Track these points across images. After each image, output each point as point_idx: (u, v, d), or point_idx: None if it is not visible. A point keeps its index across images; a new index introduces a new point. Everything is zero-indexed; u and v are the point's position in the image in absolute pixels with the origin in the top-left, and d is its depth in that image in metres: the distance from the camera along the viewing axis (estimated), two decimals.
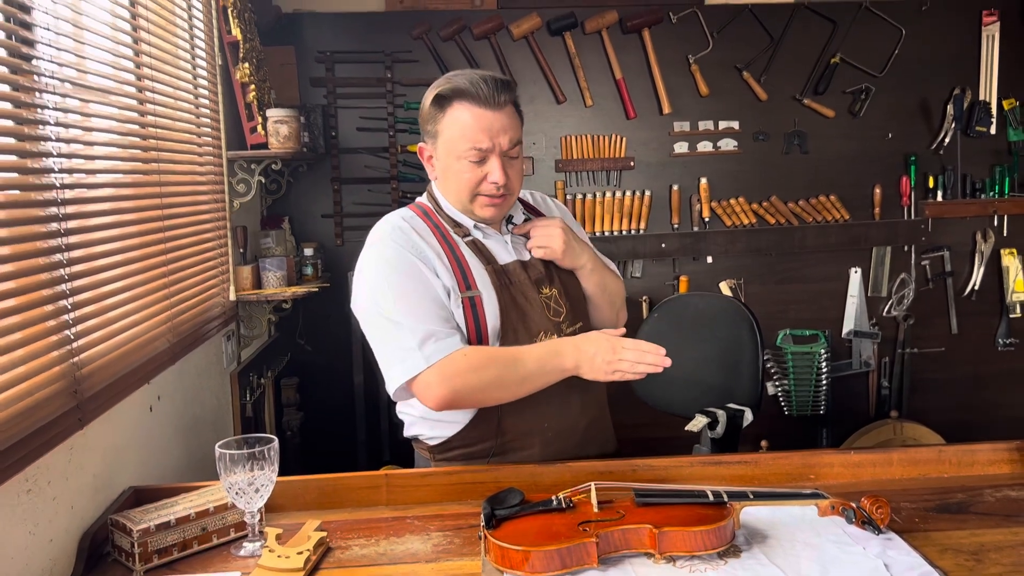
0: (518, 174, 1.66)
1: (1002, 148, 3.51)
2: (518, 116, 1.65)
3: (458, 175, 1.63)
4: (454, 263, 1.63)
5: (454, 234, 1.68)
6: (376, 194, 3.34)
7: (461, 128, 1.59)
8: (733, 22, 3.36)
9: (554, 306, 1.69)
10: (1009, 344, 3.59)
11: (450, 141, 1.61)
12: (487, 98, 1.57)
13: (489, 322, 1.62)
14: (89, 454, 1.50)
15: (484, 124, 1.58)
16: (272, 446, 1.41)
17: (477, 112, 1.58)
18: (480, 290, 1.63)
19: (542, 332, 1.65)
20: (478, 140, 1.58)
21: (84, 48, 1.64)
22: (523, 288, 1.67)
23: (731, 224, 3.43)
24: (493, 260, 1.68)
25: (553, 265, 1.72)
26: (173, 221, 2.08)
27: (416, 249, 1.62)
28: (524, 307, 1.66)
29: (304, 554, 1.33)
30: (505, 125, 1.59)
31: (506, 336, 1.63)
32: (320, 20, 3.26)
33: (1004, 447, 1.66)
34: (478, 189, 1.62)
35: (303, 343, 3.31)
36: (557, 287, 1.71)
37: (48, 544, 1.33)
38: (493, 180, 1.60)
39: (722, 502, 1.37)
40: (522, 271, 1.69)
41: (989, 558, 1.29)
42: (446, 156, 1.63)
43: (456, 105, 1.59)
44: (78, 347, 1.48)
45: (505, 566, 1.27)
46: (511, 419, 1.65)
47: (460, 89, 1.58)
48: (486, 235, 1.71)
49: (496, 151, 1.59)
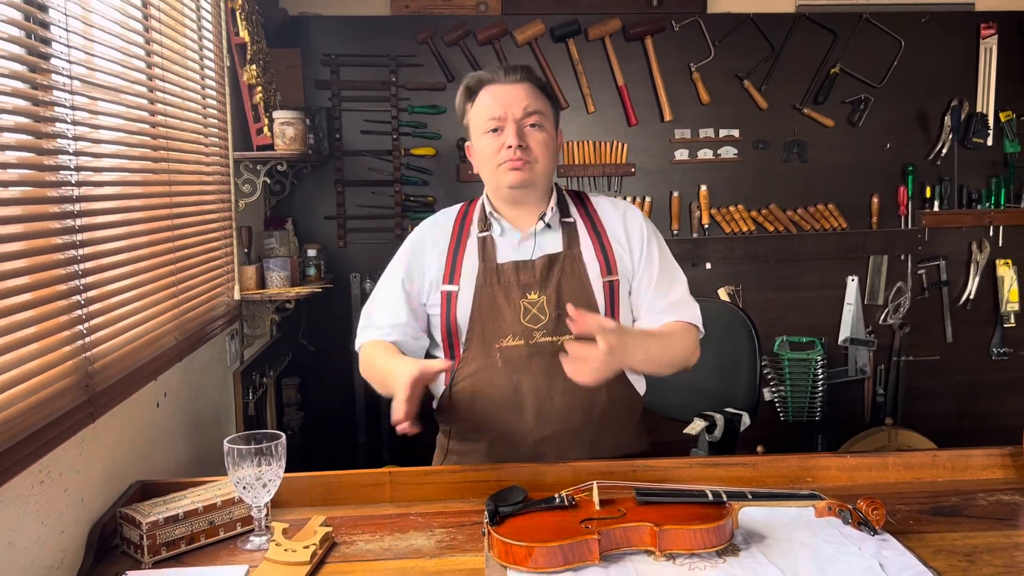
0: (540, 145, 1.71)
1: (998, 160, 3.56)
2: (542, 95, 1.75)
3: (483, 150, 1.75)
4: (450, 257, 1.77)
5: (475, 229, 1.79)
6: (379, 197, 3.36)
7: (482, 107, 1.74)
8: (735, 31, 3.40)
9: (535, 312, 1.71)
10: (1003, 353, 3.63)
11: (476, 123, 1.76)
12: (501, 78, 1.74)
13: (459, 317, 1.74)
14: (99, 447, 1.52)
15: (499, 96, 1.72)
16: (280, 442, 1.43)
17: (494, 89, 1.74)
18: (461, 286, 1.74)
19: (511, 335, 1.71)
20: (493, 111, 1.72)
21: (97, 48, 1.66)
22: (508, 289, 1.72)
23: (730, 231, 3.46)
24: (491, 258, 1.74)
25: (557, 271, 1.73)
26: (181, 220, 2.10)
27: (426, 239, 1.81)
28: (501, 308, 1.72)
29: (310, 548, 1.35)
30: (519, 96, 1.71)
31: (472, 332, 1.73)
32: (326, 23, 3.29)
33: (997, 452, 1.69)
34: (498, 157, 1.71)
35: (305, 343, 3.33)
36: (549, 295, 1.72)
37: (59, 535, 1.35)
38: (508, 144, 1.69)
39: (721, 502, 1.39)
40: (513, 272, 1.73)
41: (982, 559, 1.32)
42: (475, 139, 1.77)
43: (481, 92, 1.75)
44: (90, 342, 1.50)
45: (508, 562, 1.29)
46: (464, 411, 1.76)
47: (480, 77, 1.76)
48: (504, 232, 1.77)
49: (510, 119, 1.70)
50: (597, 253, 1.77)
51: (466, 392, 1.75)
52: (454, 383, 1.76)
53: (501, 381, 1.71)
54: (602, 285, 1.74)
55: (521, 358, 1.70)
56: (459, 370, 1.75)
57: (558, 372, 1.65)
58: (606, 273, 1.75)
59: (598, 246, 1.77)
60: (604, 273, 1.75)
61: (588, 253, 1.76)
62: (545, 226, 1.77)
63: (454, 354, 1.76)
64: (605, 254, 1.77)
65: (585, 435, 1.75)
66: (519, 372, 1.71)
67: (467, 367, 1.74)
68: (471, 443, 1.78)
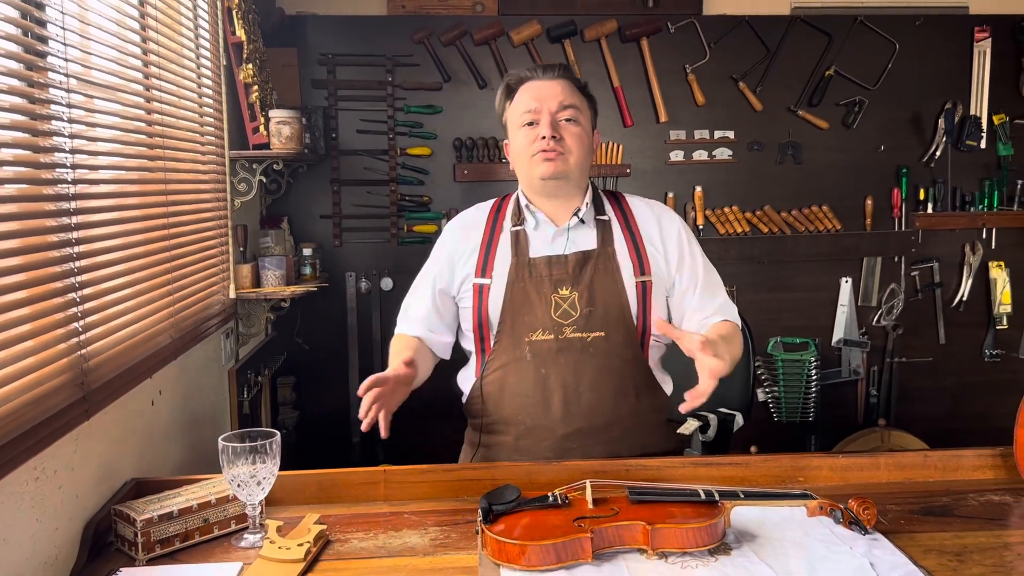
0: (575, 138, 1.75)
1: (992, 162, 3.57)
2: (578, 92, 1.80)
3: (518, 143, 1.79)
4: (483, 251, 1.80)
5: (508, 223, 1.83)
6: (375, 196, 3.37)
7: (520, 103, 1.79)
8: (730, 33, 3.41)
9: (566, 307, 1.73)
10: (995, 355, 3.65)
11: (513, 118, 1.81)
12: (540, 74, 1.80)
13: (491, 310, 1.76)
14: (94, 445, 1.52)
15: (535, 91, 1.77)
16: (274, 440, 1.44)
17: (531, 85, 1.79)
18: (493, 279, 1.77)
19: (541, 329, 1.73)
20: (529, 104, 1.76)
21: (94, 46, 1.66)
22: (539, 284, 1.74)
23: (725, 232, 3.47)
24: (524, 252, 1.77)
25: (590, 268, 1.75)
26: (176, 219, 2.11)
27: (458, 235, 1.86)
28: (532, 302, 1.74)
29: (304, 546, 1.36)
30: (555, 91, 1.76)
31: (503, 325, 1.76)
32: (322, 23, 3.29)
33: (988, 453, 1.70)
34: (532, 148, 1.75)
35: (300, 342, 3.34)
36: (580, 291, 1.73)
37: (54, 532, 1.35)
38: (542, 134, 1.73)
39: (713, 501, 1.40)
40: (546, 267, 1.75)
41: (971, 559, 1.33)
42: (511, 134, 1.82)
43: (519, 90, 1.81)
44: (86, 339, 1.50)
45: (502, 559, 1.30)
46: (492, 404, 1.79)
47: (520, 75, 1.82)
48: (538, 226, 1.80)
49: (545, 111, 1.74)
50: (631, 253, 1.78)
51: (495, 385, 1.78)
52: (484, 375, 1.79)
53: (530, 375, 1.74)
54: (635, 285, 1.76)
55: (550, 352, 1.73)
56: (489, 362, 1.78)
57: (586, 368, 1.72)
58: (639, 273, 1.77)
59: (632, 246, 1.79)
60: (637, 273, 1.77)
61: (622, 252, 1.78)
62: (579, 222, 1.79)
63: (484, 347, 1.80)
64: (639, 254, 1.79)
65: (612, 432, 1.76)
66: (547, 366, 1.73)
67: (497, 360, 1.77)
68: (499, 435, 1.80)
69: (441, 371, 1.89)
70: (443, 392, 1.92)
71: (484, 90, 3.36)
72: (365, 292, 3.39)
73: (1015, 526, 1.47)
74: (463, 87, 3.36)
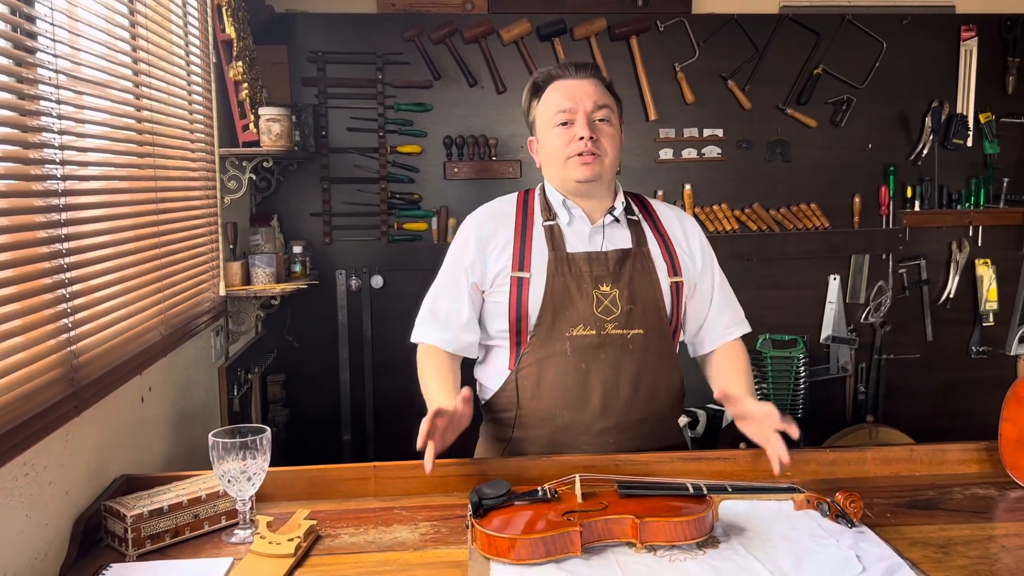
0: (609, 139, 1.74)
1: (978, 160, 3.60)
2: (609, 92, 1.79)
3: (552, 144, 1.76)
4: (518, 244, 1.78)
5: (539, 216, 1.81)
6: (365, 194, 3.37)
7: (552, 101, 1.77)
8: (719, 32, 3.42)
9: (607, 304, 1.73)
10: (982, 352, 3.68)
11: (544, 117, 1.78)
12: (572, 72, 1.77)
13: (531, 303, 1.74)
14: (84, 441, 1.52)
15: (568, 91, 1.75)
16: (264, 436, 1.44)
17: (563, 84, 1.77)
18: (532, 273, 1.75)
19: (582, 324, 1.73)
20: (563, 104, 1.74)
21: (83, 43, 1.66)
22: (579, 279, 1.74)
23: (714, 230, 3.49)
24: (561, 247, 1.76)
25: (629, 267, 1.76)
26: (166, 216, 2.11)
27: (487, 226, 1.82)
28: (573, 297, 1.73)
29: (295, 541, 1.36)
30: (589, 91, 1.74)
31: (543, 319, 1.74)
32: (312, 20, 3.29)
33: (973, 447, 1.72)
34: (568, 150, 1.73)
35: (291, 339, 3.33)
36: (621, 289, 1.74)
37: (44, 528, 1.35)
38: (580, 135, 1.71)
39: (701, 494, 1.42)
40: (586, 263, 1.75)
41: (956, 551, 1.35)
42: (542, 133, 1.79)
43: (548, 88, 1.78)
44: (75, 336, 1.50)
45: (491, 553, 1.31)
46: (528, 400, 1.76)
47: (550, 73, 1.79)
48: (572, 222, 1.79)
49: (580, 111, 1.72)
50: (663, 254, 1.81)
51: (531, 379, 1.75)
52: (520, 367, 1.76)
53: (569, 369, 1.73)
54: (669, 286, 1.79)
55: (591, 348, 1.72)
56: (524, 356, 1.76)
57: (626, 364, 1.73)
58: (672, 274, 1.80)
59: (663, 247, 1.82)
60: (671, 274, 1.79)
61: (656, 252, 1.80)
62: (614, 220, 1.80)
63: (520, 339, 1.77)
64: (671, 255, 1.81)
65: (645, 428, 1.78)
66: (588, 361, 1.73)
67: (533, 354, 1.75)
68: (533, 429, 1.77)
69: None
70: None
71: (474, 88, 3.37)
72: (355, 290, 3.39)
73: (1000, 519, 1.49)
74: (453, 85, 3.37)
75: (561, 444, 1.75)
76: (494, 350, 1.83)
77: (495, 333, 1.81)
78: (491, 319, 1.80)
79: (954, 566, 1.30)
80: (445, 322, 1.80)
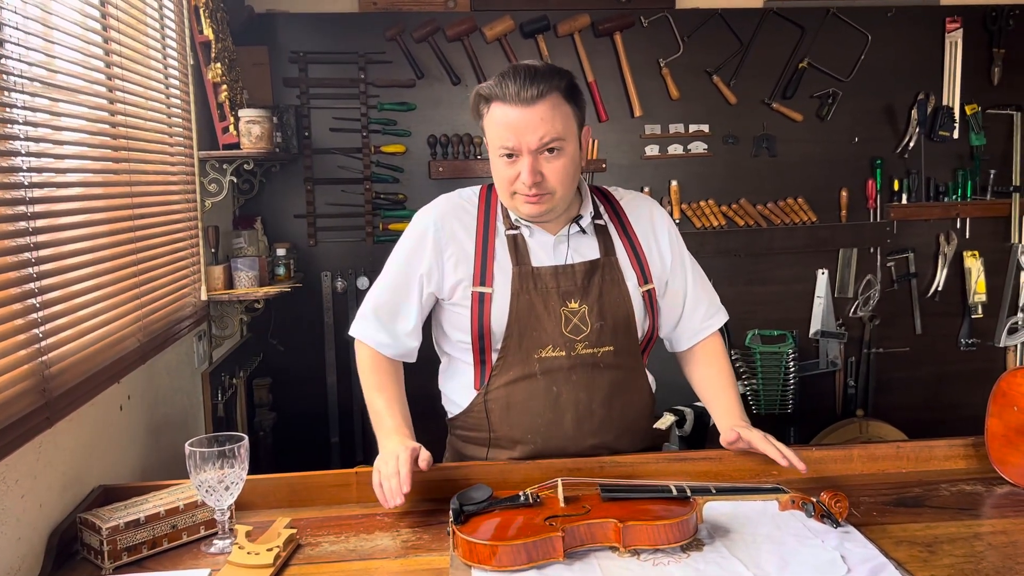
0: (557, 172, 1.57)
1: (964, 152, 3.59)
2: (564, 105, 1.57)
3: (498, 171, 1.62)
4: (479, 255, 1.66)
5: (501, 224, 1.69)
6: (349, 195, 3.34)
7: (494, 127, 1.59)
8: (703, 26, 3.40)
9: (576, 322, 1.64)
10: (971, 344, 3.67)
11: (490, 140, 1.62)
12: (514, 97, 1.54)
13: (494, 322, 1.64)
14: (58, 452, 1.50)
15: (511, 123, 1.55)
16: (242, 444, 1.42)
17: (505, 111, 1.56)
18: (495, 288, 1.64)
19: (551, 346, 1.64)
20: (505, 139, 1.56)
21: (53, 47, 1.63)
22: (546, 296, 1.64)
23: (701, 226, 3.48)
24: (525, 261, 1.65)
25: (598, 279, 1.66)
26: (143, 221, 2.08)
27: (445, 229, 1.68)
28: (540, 316, 1.64)
29: (274, 551, 1.34)
30: (534, 123, 1.54)
31: (509, 339, 1.64)
32: (293, 20, 3.26)
33: (960, 443, 1.71)
34: (514, 187, 1.60)
35: (275, 343, 3.31)
36: (590, 305, 1.65)
37: (16, 542, 1.33)
38: (523, 180, 1.56)
39: (685, 497, 1.40)
40: (552, 278, 1.64)
41: (942, 549, 1.33)
42: (491, 151, 1.63)
43: (492, 105, 1.59)
44: (46, 346, 1.48)
45: (473, 561, 1.29)
46: (498, 421, 1.69)
47: (493, 91, 1.57)
48: (533, 233, 1.68)
49: (524, 149, 1.55)
50: (632, 262, 1.71)
51: (500, 402, 1.68)
52: (488, 391, 1.68)
53: (540, 393, 1.65)
54: (640, 295, 1.70)
55: (562, 370, 1.64)
56: (493, 377, 1.67)
57: (598, 384, 1.66)
58: (643, 282, 1.70)
59: (632, 254, 1.71)
60: (641, 282, 1.70)
61: (624, 261, 1.70)
62: (579, 230, 1.69)
63: (485, 359, 1.68)
64: (640, 262, 1.71)
65: (621, 443, 1.71)
66: (559, 384, 1.65)
67: (503, 375, 1.66)
68: (506, 451, 1.70)
69: (418, 372, 1.81)
70: (420, 392, 1.84)
71: (458, 87, 3.34)
72: (341, 291, 3.36)
73: (986, 516, 1.48)
74: (436, 84, 3.34)
75: None
76: (458, 363, 1.75)
77: (457, 342, 1.72)
78: (451, 328, 1.72)
79: (940, 565, 1.28)
80: (389, 325, 1.70)
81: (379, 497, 1.48)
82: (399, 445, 1.52)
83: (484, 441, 1.73)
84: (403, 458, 1.47)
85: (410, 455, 1.48)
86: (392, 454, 1.50)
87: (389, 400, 1.67)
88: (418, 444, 1.55)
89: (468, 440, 1.76)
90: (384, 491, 1.47)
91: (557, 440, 1.67)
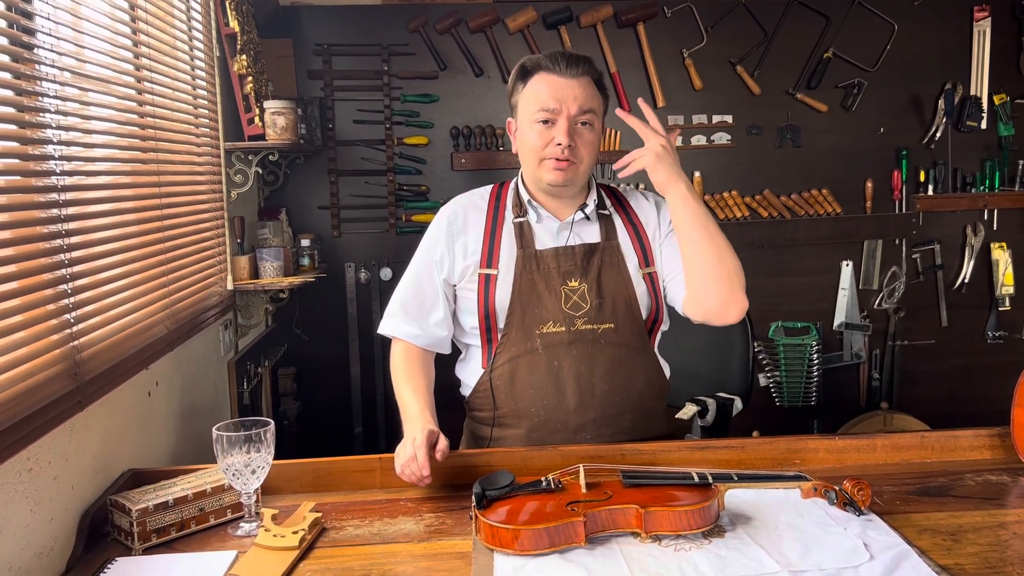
0: (587, 144, 1.69)
1: (992, 143, 3.55)
2: (599, 93, 1.73)
3: (529, 139, 1.71)
4: (487, 241, 1.76)
5: (510, 212, 1.79)
6: (373, 186, 3.36)
7: (535, 94, 1.70)
8: (727, 17, 3.39)
9: (576, 299, 1.72)
10: (998, 337, 3.63)
11: (526, 108, 1.72)
12: (562, 68, 1.69)
13: (498, 301, 1.73)
14: (89, 435, 1.53)
15: (555, 89, 1.68)
16: (268, 429, 1.44)
17: (551, 79, 1.69)
18: (500, 270, 1.74)
19: (552, 321, 1.71)
20: (547, 103, 1.68)
21: (84, 38, 1.66)
22: (547, 276, 1.72)
23: (724, 217, 3.46)
24: (530, 244, 1.75)
25: (597, 260, 1.74)
26: (171, 210, 2.11)
27: (458, 222, 1.80)
28: (541, 294, 1.72)
29: (299, 533, 1.36)
30: (576, 92, 1.68)
31: (511, 317, 1.73)
32: (317, 13, 3.29)
33: (986, 433, 1.69)
34: (544, 152, 1.69)
35: (300, 333, 3.34)
36: (589, 283, 1.73)
37: (49, 523, 1.36)
38: (558, 141, 1.66)
39: (707, 483, 1.40)
40: (553, 259, 1.73)
41: (966, 538, 1.33)
42: (522, 123, 1.74)
43: (535, 76, 1.72)
44: (78, 331, 1.51)
45: (495, 545, 1.30)
46: (503, 400, 1.76)
47: (539, 61, 1.72)
48: (540, 220, 1.77)
49: (564, 114, 1.67)
50: (635, 246, 1.78)
51: (505, 378, 1.74)
52: (493, 368, 1.76)
53: (542, 366, 1.72)
54: (642, 277, 1.76)
55: (562, 344, 1.71)
56: (497, 355, 1.75)
57: (598, 359, 1.72)
58: (644, 265, 1.77)
59: (635, 239, 1.79)
60: (642, 264, 1.77)
61: (626, 245, 1.78)
62: (583, 217, 1.77)
63: (491, 337, 1.76)
64: (643, 246, 1.79)
65: (623, 422, 1.76)
66: (560, 358, 1.71)
67: (506, 352, 1.74)
68: (511, 428, 1.77)
69: (440, 361, 1.86)
70: (442, 382, 1.87)
71: (480, 78, 3.35)
72: (365, 282, 3.39)
73: (1011, 505, 1.46)
74: (459, 75, 3.35)
75: (539, 441, 1.73)
76: (471, 348, 1.83)
77: (469, 329, 1.80)
78: (463, 315, 1.80)
79: (964, 553, 1.28)
80: (416, 316, 1.79)
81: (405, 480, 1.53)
82: (417, 429, 1.56)
83: (489, 421, 1.79)
84: (419, 440, 1.51)
85: (426, 438, 1.52)
86: (409, 437, 1.54)
87: (416, 389, 1.72)
88: (436, 428, 1.58)
89: (479, 421, 1.83)
90: (406, 476, 1.52)
91: (560, 413, 1.72)
